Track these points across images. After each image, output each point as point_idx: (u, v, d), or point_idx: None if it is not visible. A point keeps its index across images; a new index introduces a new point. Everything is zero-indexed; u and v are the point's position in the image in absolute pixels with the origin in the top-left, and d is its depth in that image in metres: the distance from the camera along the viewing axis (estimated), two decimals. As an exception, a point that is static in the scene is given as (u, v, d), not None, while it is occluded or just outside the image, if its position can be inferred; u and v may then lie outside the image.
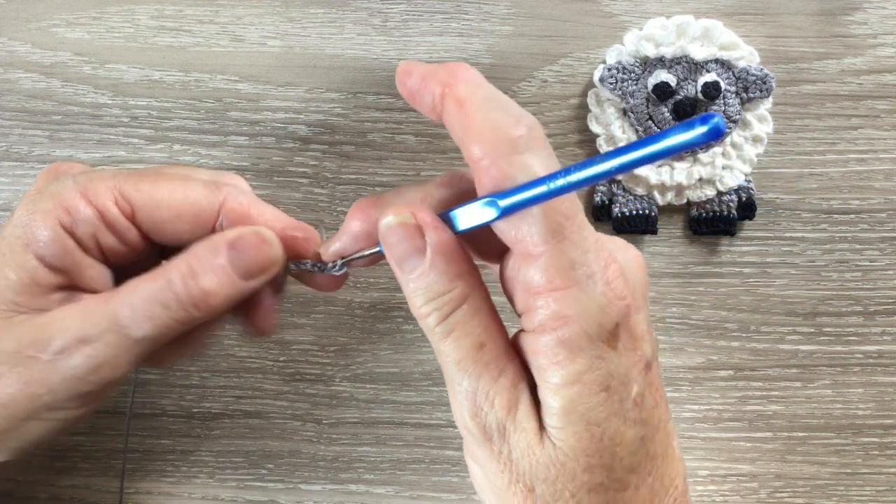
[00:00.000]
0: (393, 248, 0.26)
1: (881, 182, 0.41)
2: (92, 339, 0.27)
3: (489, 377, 0.25)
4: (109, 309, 0.27)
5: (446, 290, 0.25)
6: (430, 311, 0.25)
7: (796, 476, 0.41)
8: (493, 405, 0.25)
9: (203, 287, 0.27)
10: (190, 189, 0.29)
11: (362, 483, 0.41)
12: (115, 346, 0.27)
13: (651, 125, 0.39)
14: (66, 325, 0.27)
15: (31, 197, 0.28)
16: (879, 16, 0.40)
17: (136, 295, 0.27)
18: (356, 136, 0.40)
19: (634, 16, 0.40)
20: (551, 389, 0.24)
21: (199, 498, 0.41)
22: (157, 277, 0.28)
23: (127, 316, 0.27)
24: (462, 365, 0.25)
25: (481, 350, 0.25)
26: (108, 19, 0.40)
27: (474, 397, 0.25)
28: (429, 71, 0.25)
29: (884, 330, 0.41)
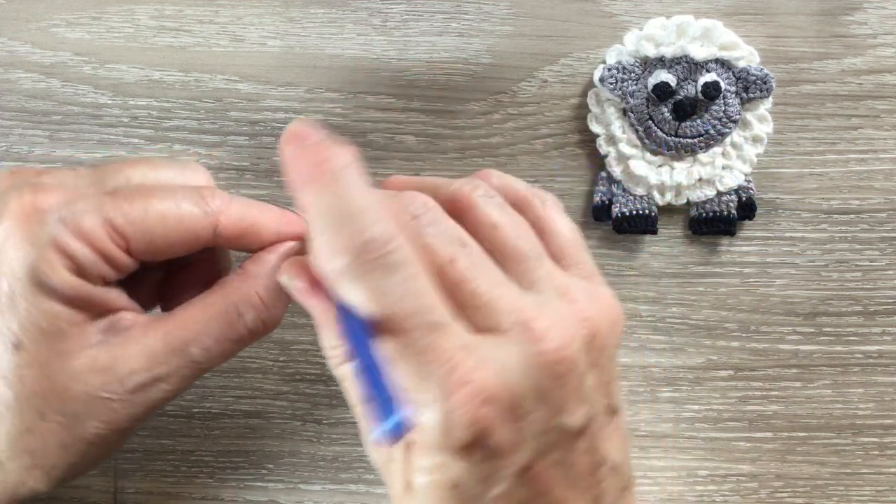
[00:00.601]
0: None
1: (881, 182, 0.41)
2: (167, 376, 0.28)
3: None
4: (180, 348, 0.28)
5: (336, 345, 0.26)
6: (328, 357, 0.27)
7: (796, 476, 0.41)
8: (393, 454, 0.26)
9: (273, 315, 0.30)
10: (181, 210, 0.28)
11: (362, 483, 0.41)
12: (189, 376, 0.28)
13: (651, 125, 0.39)
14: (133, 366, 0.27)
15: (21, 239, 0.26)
16: (879, 16, 0.41)
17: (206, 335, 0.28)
18: (356, 136, 0.40)
19: (634, 16, 0.40)
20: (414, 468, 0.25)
21: (199, 498, 0.41)
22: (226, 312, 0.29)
23: (198, 354, 0.28)
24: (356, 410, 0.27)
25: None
26: (108, 19, 0.40)
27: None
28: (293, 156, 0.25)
29: (884, 330, 0.41)
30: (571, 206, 0.41)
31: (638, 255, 0.41)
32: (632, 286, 0.41)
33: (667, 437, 0.41)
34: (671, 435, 0.41)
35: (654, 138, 0.40)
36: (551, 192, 0.30)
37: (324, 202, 0.24)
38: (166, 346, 0.28)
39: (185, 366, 0.28)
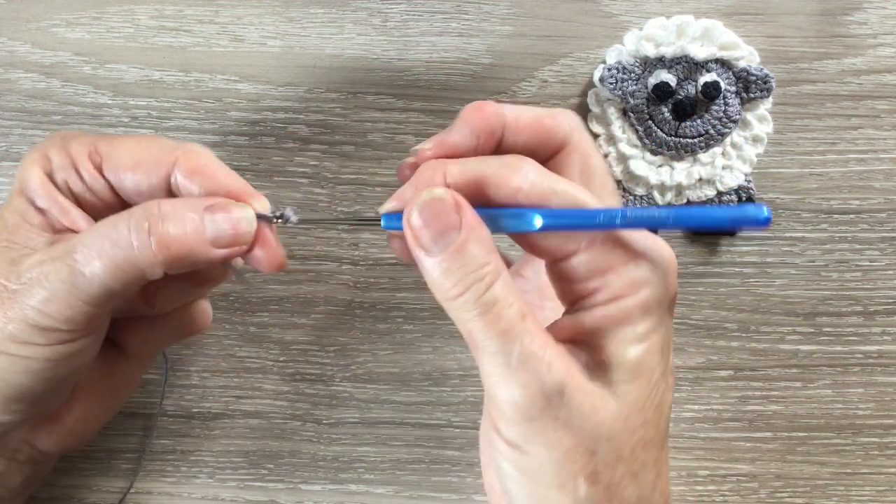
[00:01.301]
0: (427, 225, 0.25)
1: (881, 182, 0.41)
2: (49, 273, 0.27)
3: (540, 343, 0.25)
4: (69, 243, 0.28)
5: (484, 263, 0.25)
6: (468, 287, 0.25)
7: (796, 476, 0.41)
8: (551, 369, 0.25)
9: (168, 232, 0.27)
10: (150, 142, 0.30)
11: (362, 483, 0.41)
12: (66, 281, 0.27)
13: (651, 125, 0.39)
14: (33, 259, 0.28)
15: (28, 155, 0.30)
16: (879, 16, 0.41)
17: (92, 231, 0.28)
18: (356, 136, 0.40)
19: (634, 16, 0.40)
20: (623, 346, 0.26)
21: (199, 498, 0.41)
22: (120, 216, 0.28)
23: (80, 251, 0.27)
24: (509, 335, 0.25)
25: (525, 319, 0.25)
26: (108, 19, 0.40)
27: (526, 364, 0.25)
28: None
29: (884, 330, 0.41)
30: (571, 206, 0.41)
31: (638, 255, 0.41)
32: (632, 286, 0.41)
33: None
34: (671, 435, 0.41)
35: (654, 138, 0.40)
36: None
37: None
38: (60, 243, 0.28)
39: (65, 263, 0.27)
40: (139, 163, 0.29)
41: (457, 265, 0.25)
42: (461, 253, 0.25)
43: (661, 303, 0.26)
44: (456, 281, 0.25)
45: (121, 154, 0.29)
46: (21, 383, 0.28)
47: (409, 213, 0.26)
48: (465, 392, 0.41)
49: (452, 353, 0.41)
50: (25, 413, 0.30)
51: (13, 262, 0.28)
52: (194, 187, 0.29)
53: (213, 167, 0.29)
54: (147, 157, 0.29)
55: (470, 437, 0.41)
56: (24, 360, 0.28)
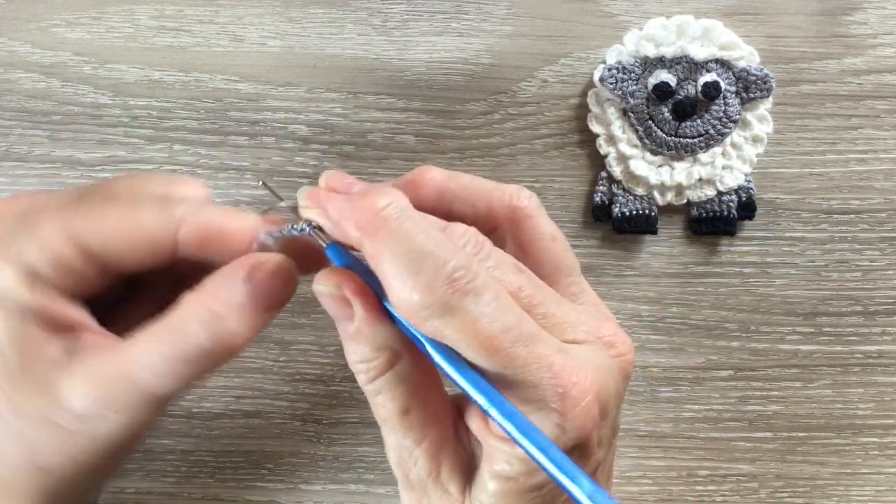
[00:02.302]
0: (326, 307, 0.26)
1: (881, 182, 0.41)
2: (114, 405, 0.25)
3: (411, 441, 0.27)
4: (127, 373, 0.25)
5: (372, 358, 0.26)
6: (359, 371, 0.27)
7: (796, 476, 0.41)
8: (416, 465, 0.27)
9: (230, 331, 0.26)
10: (141, 216, 0.26)
11: (362, 483, 0.41)
12: (142, 409, 0.25)
13: (651, 125, 0.39)
14: (77, 391, 0.25)
15: None
16: (879, 16, 0.41)
17: (154, 355, 0.25)
18: (356, 136, 0.40)
19: (634, 16, 0.40)
20: (493, 474, 0.25)
21: (199, 498, 0.41)
22: (174, 330, 0.25)
23: (149, 380, 0.25)
24: (387, 425, 0.27)
25: (406, 414, 0.26)
26: (108, 19, 0.40)
27: (399, 453, 0.27)
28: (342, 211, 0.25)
29: (884, 330, 0.41)
30: (571, 206, 0.41)
31: (638, 255, 0.41)
32: (632, 286, 0.41)
33: (667, 437, 0.41)
34: (671, 435, 0.41)
35: (654, 138, 0.40)
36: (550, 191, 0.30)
37: (393, 248, 0.24)
38: (116, 374, 0.25)
39: (134, 393, 0.25)
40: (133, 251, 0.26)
41: (349, 349, 0.27)
42: (352, 343, 0.26)
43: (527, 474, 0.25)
44: (351, 361, 0.27)
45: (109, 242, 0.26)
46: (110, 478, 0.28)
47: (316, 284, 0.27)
48: (465, 392, 0.41)
49: (452, 353, 0.41)
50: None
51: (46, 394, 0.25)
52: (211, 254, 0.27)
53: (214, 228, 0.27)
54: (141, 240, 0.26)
55: (470, 437, 0.41)
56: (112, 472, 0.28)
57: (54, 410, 0.25)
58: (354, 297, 0.26)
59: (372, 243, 0.24)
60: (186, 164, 0.40)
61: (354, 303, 0.26)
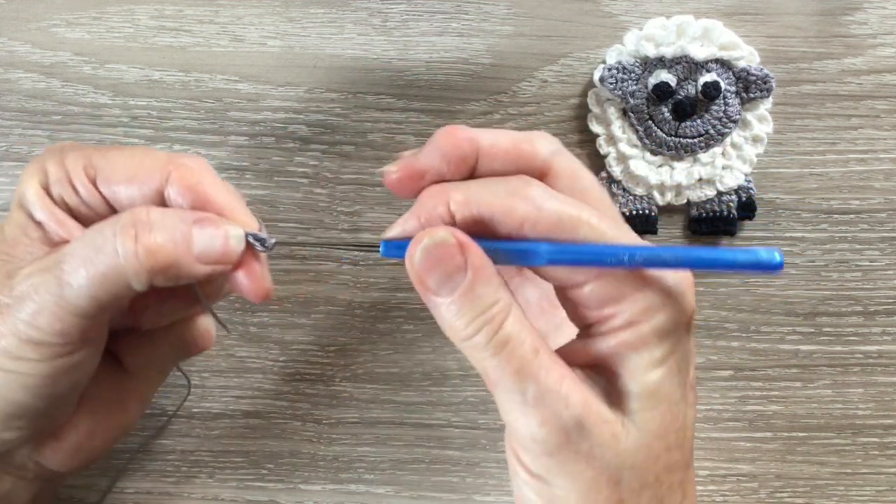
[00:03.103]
0: (432, 269, 0.25)
1: (881, 182, 0.41)
2: (38, 286, 0.27)
3: (555, 377, 0.25)
4: (57, 254, 0.27)
5: (493, 302, 0.25)
6: (480, 328, 0.25)
7: (796, 476, 0.41)
8: (568, 404, 0.25)
9: (154, 240, 0.26)
10: (145, 155, 0.29)
11: (362, 483, 0.41)
12: (54, 293, 0.27)
13: (651, 125, 0.39)
14: (24, 272, 0.27)
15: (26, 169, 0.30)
16: (879, 16, 0.40)
17: (79, 239, 0.27)
18: (356, 136, 0.40)
19: (634, 16, 0.40)
20: (640, 372, 0.25)
21: (199, 498, 0.41)
22: (107, 221, 0.27)
23: (67, 261, 0.27)
24: (524, 372, 0.25)
25: (538, 355, 0.25)
26: (108, 19, 0.40)
27: (543, 400, 0.25)
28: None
29: (884, 330, 0.41)
30: (571, 206, 0.41)
31: (638, 255, 0.41)
32: (632, 286, 0.41)
33: (667, 437, 0.41)
34: (671, 435, 0.41)
35: (654, 138, 0.40)
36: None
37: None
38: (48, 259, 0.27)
39: (52, 274, 0.27)
40: (132, 176, 0.28)
41: (466, 307, 0.25)
42: (469, 295, 0.25)
43: (678, 325, 0.26)
44: (466, 323, 0.25)
45: (114, 167, 0.29)
46: (19, 399, 0.28)
47: (412, 257, 0.25)
48: (465, 392, 0.41)
49: (452, 353, 0.41)
50: (27, 430, 0.29)
51: (9, 275, 0.28)
52: (185, 203, 0.28)
53: (205, 183, 0.28)
54: (140, 171, 0.28)
55: (470, 438, 0.41)
56: (19, 376, 0.27)
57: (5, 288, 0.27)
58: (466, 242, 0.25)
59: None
60: (186, 164, 0.40)
61: (468, 248, 0.25)
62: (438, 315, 0.26)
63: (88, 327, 0.27)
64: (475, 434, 0.41)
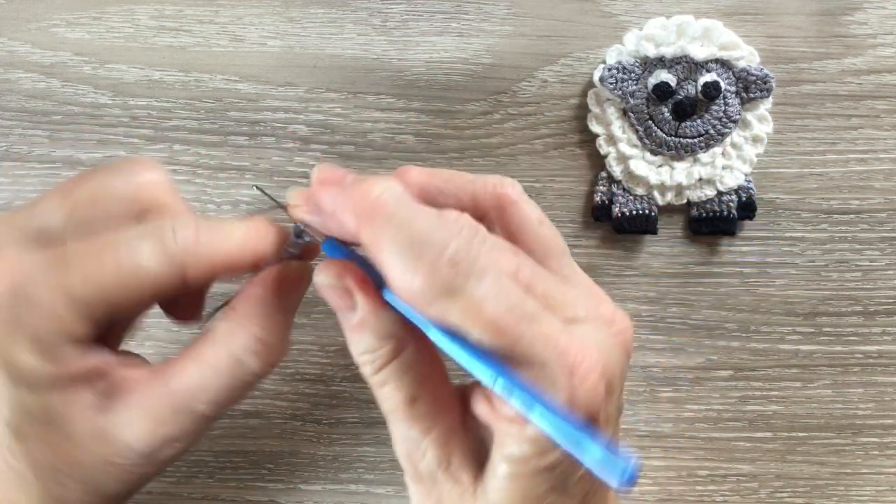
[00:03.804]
0: (328, 300, 0.27)
1: (881, 182, 0.41)
2: (176, 436, 0.26)
3: (419, 430, 0.26)
4: (181, 405, 0.26)
5: (376, 348, 0.26)
6: (364, 363, 0.26)
7: (796, 476, 0.41)
8: (425, 456, 0.26)
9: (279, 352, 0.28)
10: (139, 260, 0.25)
11: (362, 483, 0.41)
12: (200, 430, 0.27)
13: (651, 125, 0.39)
14: (138, 433, 0.26)
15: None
16: (879, 16, 0.41)
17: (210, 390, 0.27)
18: (356, 136, 0.40)
19: (634, 16, 0.40)
20: (504, 458, 0.25)
21: (199, 498, 0.41)
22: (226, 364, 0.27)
23: (204, 408, 0.27)
24: (394, 416, 0.27)
25: (413, 404, 0.26)
26: (108, 19, 0.40)
27: (406, 444, 0.27)
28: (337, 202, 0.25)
29: (884, 330, 0.41)
30: (571, 206, 0.41)
31: (638, 255, 0.41)
32: (632, 286, 0.41)
33: (667, 437, 0.41)
34: (671, 435, 0.41)
35: (654, 138, 0.40)
36: (550, 191, 0.30)
37: (392, 234, 0.24)
38: (171, 408, 0.26)
39: (194, 422, 0.27)
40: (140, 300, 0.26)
41: (353, 339, 0.26)
42: (355, 331, 0.26)
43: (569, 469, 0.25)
44: (355, 351, 0.27)
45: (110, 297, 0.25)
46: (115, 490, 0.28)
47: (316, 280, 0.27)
48: (465, 392, 0.41)
49: (452, 353, 0.41)
50: None
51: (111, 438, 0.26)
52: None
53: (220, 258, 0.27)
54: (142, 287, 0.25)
55: (470, 437, 0.41)
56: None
57: (116, 456, 0.26)
58: (356, 286, 0.26)
59: (370, 231, 0.24)
60: (186, 164, 0.40)
61: (356, 292, 0.26)
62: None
63: None
64: (475, 434, 0.41)
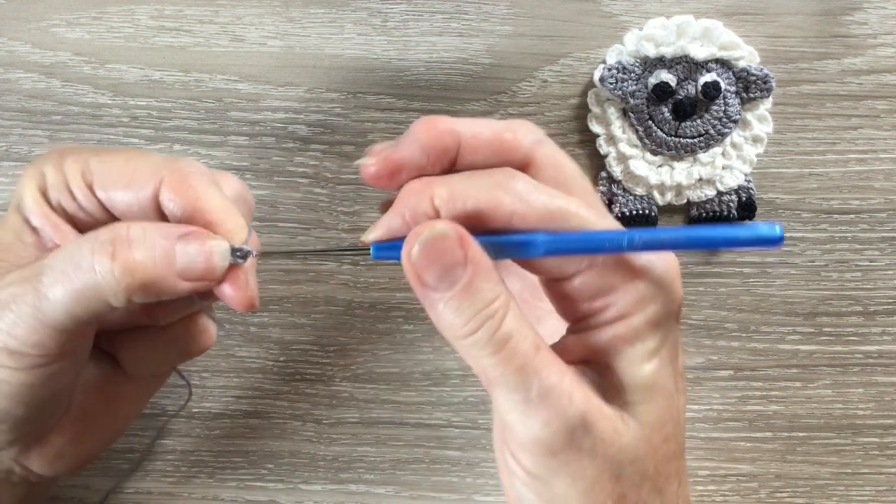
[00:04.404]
0: (431, 263, 0.24)
1: (881, 182, 0.41)
2: (17, 296, 0.26)
3: (557, 374, 0.24)
4: (39, 264, 0.26)
5: (493, 298, 0.24)
6: (481, 324, 0.24)
7: (796, 476, 0.41)
8: (572, 400, 0.24)
9: (133, 258, 0.26)
10: (141, 159, 0.28)
11: (362, 483, 0.41)
12: (31, 305, 0.26)
13: (651, 125, 0.39)
14: (6, 279, 0.27)
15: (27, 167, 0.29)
16: (879, 16, 0.40)
17: (59, 252, 0.26)
18: (356, 136, 0.40)
19: (634, 16, 0.40)
20: (635, 365, 0.25)
21: (199, 498, 0.41)
22: (87, 236, 0.26)
23: (46, 274, 0.26)
24: (526, 371, 0.24)
25: (539, 352, 0.24)
26: (108, 19, 0.40)
27: (547, 399, 0.24)
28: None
29: (884, 330, 0.41)
30: (571, 206, 0.41)
31: (638, 255, 0.41)
32: (632, 286, 0.41)
33: (667, 437, 0.41)
34: (671, 435, 0.41)
35: (654, 138, 0.40)
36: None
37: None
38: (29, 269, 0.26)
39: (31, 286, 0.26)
40: (128, 182, 0.28)
41: (466, 303, 0.24)
42: (469, 290, 0.24)
43: (669, 315, 0.25)
44: (466, 319, 0.24)
45: (110, 173, 0.28)
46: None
47: (410, 251, 0.24)
48: (465, 392, 0.41)
49: (452, 352, 0.41)
50: (8, 434, 0.28)
51: None
52: (177, 209, 0.27)
53: (197, 188, 0.27)
54: (135, 177, 0.28)
55: (470, 437, 0.41)
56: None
57: None
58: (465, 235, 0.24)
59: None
60: (186, 164, 0.40)
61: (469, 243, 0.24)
62: (436, 313, 0.25)
63: (67, 340, 0.27)
64: (475, 434, 0.41)
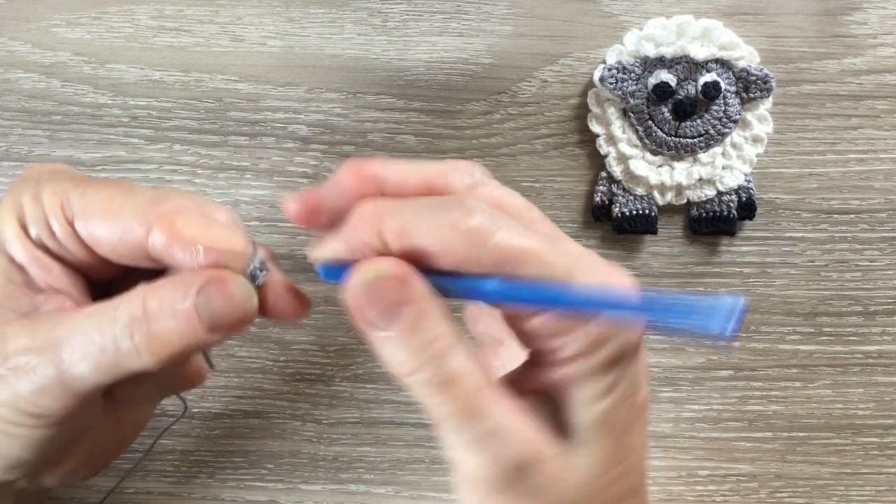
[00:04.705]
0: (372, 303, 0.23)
1: (881, 182, 0.41)
2: (36, 367, 0.25)
3: (504, 413, 0.24)
4: (54, 336, 0.25)
5: (435, 337, 0.23)
6: (423, 363, 0.23)
7: (796, 476, 0.41)
8: (517, 440, 0.24)
9: (158, 333, 0.24)
10: (125, 198, 0.26)
11: (362, 483, 0.41)
12: (53, 377, 0.25)
13: (651, 125, 0.39)
14: (19, 344, 0.25)
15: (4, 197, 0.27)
16: (879, 16, 0.40)
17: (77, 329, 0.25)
18: (356, 136, 0.40)
19: (634, 16, 0.40)
20: (589, 402, 0.24)
21: (199, 498, 0.41)
22: (104, 315, 0.25)
23: (65, 350, 0.25)
24: (472, 410, 0.23)
25: (485, 390, 0.24)
26: (108, 19, 0.40)
27: (492, 439, 0.24)
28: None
29: (884, 330, 0.41)
30: (571, 206, 0.41)
31: (638, 255, 0.41)
32: (632, 286, 0.41)
33: (667, 437, 0.41)
34: (671, 435, 0.41)
35: (654, 138, 0.40)
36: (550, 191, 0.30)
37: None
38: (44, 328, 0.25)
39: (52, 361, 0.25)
40: (112, 225, 0.26)
41: (407, 342, 0.23)
42: (411, 330, 0.23)
43: (626, 353, 0.24)
44: (408, 358, 0.23)
45: (92, 211, 0.26)
46: (17, 455, 0.27)
47: (350, 289, 0.23)
48: (465, 392, 0.41)
49: (452, 353, 0.41)
50: (26, 472, 0.28)
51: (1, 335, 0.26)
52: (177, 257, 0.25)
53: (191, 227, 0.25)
54: (120, 219, 0.26)
55: (470, 437, 0.41)
56: (18, 439, 0.26)
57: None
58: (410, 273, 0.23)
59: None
60: (186, 164, 0.40)
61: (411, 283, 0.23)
62: (380, 350, 0.24)
63: (91, 398, 0.26)
64: (475, 434, 0.41)
